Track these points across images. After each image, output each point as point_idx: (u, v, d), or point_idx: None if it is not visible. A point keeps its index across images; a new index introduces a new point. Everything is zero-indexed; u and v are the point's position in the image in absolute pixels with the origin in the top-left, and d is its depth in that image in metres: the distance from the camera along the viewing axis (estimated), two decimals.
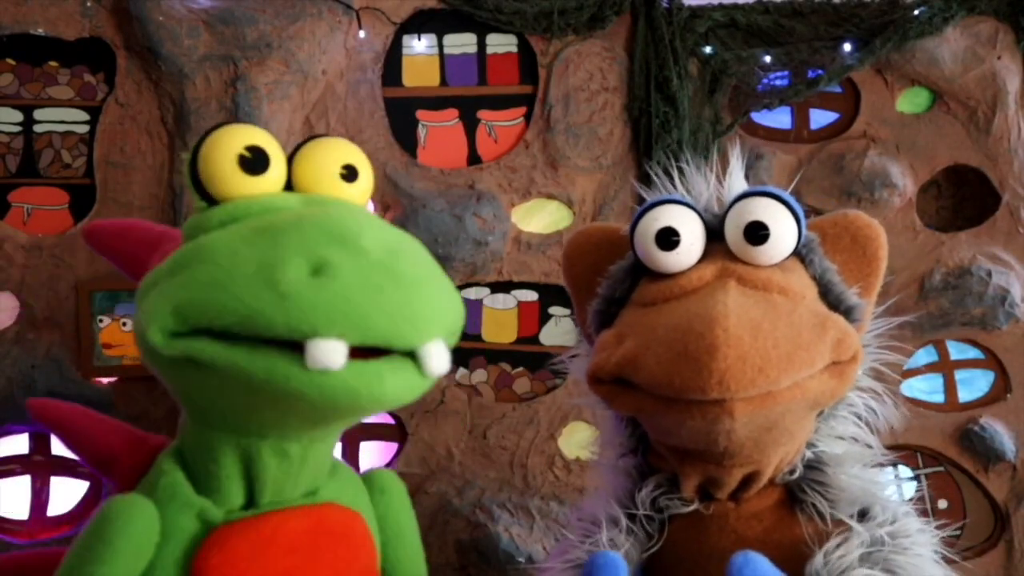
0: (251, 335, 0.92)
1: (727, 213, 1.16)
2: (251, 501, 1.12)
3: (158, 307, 0.98)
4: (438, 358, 0.96)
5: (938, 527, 1.20)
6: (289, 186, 1.11)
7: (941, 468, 2.03)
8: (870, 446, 1.25)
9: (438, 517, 2.00)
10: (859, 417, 1.25)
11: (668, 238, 1.14)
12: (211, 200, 1.07)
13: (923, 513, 1.22)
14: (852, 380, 1.11)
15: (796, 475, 1.18)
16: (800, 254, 1.16)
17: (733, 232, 1.14)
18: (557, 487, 2.03)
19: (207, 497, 1.11)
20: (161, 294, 0.99)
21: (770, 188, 1.16)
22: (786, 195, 1.14)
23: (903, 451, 2.00)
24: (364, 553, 1.19)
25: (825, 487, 1.16)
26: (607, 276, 1.24)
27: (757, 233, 1.11)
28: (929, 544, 1.16)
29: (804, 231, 1.14)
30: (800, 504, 1.17)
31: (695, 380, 1.00)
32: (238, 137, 1.07)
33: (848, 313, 1.14)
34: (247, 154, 1.05)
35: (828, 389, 1.07)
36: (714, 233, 1.17)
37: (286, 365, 0.92)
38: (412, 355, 0.95)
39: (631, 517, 1.21)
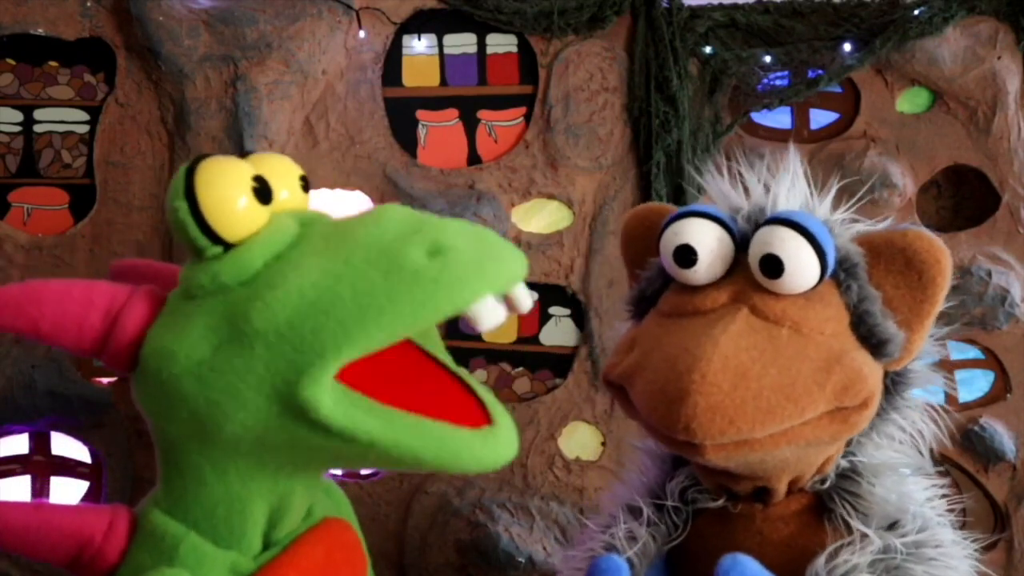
0: (418, 327, 0.93)
1: (752, 236, 1.11)
2: (266, 541, 1.12)
3: (311, 373, 0.92)
4: (528, 298, 1.03)
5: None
6: None
7: (941, 468, 2.03)
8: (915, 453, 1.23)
9: (438, 517, 2.00)
10: (904, 432, 1.20)
11: (686, 255, 1.12)
12: (225, 244, 1.01)
13: None
14: (861, 426, 1.08)
15: (827, 484, 1.16)
16: (837, 278, 1.10)
17: (752, 260, 1.10)
18: (557, 487, 2.03)
19: (229, 549, 1.08)
20: (294, 353, 0.93)
21: (798, 216, 1.09)
22: (814, 225, 1.08)
23: None
24: (363, 559, 1.22)
25: (857, 498, 1.14)
26: (647, 268, 1.23)
27: (771, 267, 1.07)
28: (963, 557, 1.14)
29: (830, 264, 1.08)
30: (829, 513, 1.15)
31: (666, 420, 1.02)
32: (241, 174, 1.02)
33: (880, 347, 1.08)
34: (257, 185, 1.03)
35: (827, 435, 1.05)
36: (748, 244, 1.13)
37: (454, 443, 0.94)
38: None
39: (659, 507, 1.22)
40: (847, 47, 2.00)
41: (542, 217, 2.06)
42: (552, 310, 2.07)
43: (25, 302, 1.06)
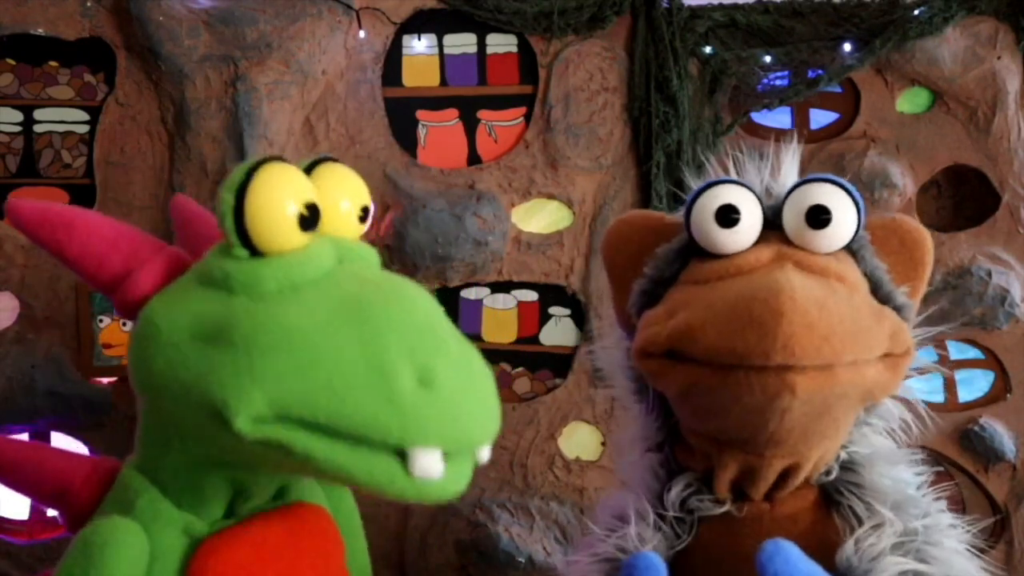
0: (356, 436, 0.91)
1: (786, 199, 1.13)
2: (230, 510, 1.13)
3: (247, 393, 0.92)
4: (488, 451, 0.98)
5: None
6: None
7: (941, 468, 2.03)
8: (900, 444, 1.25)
9: (438, 517, 2.00)
10: (891, 425, 1.24)
11: (728, 215, 1.11)
12: (253, 250, 0.99)
13: None
14: (903, 375, 1.09)
15: (832, 476, 1.17)
16: (852, 249, 1.13)
17: (793, 216, 1.11)
18: (557, 487, 2.03)
19: (189, 512, 1.10)
20: (247, 376, 0.93)
21: (831, 176, 1.13)
22: (848, 183, 1.12)
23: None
24: (337, 548, 1.20)
25: (860, 488, 1.15)
26: (654, 257, 1.21)
27: (819, 217, 1.09)
28: (961, 539, 1.16)
29: (863, 220, 1.12)
30: (836, 506, 1.15)
31: (760, 344, 0.98)
32: (296, 193, 0.99)
33: (897, 312, 1.11)
34: (306, 212, 0.99)
35: (882, 381, 1.06)
36: (768, 223, 1.15)
37: (388, 469, 0.91)
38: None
39: (660, 517, 1.20)
40: (847, 47, 2.00)
41: (542, 217, 2.07)
42: (552, 310, 2.07)
43: (60, 225, 1.10)
